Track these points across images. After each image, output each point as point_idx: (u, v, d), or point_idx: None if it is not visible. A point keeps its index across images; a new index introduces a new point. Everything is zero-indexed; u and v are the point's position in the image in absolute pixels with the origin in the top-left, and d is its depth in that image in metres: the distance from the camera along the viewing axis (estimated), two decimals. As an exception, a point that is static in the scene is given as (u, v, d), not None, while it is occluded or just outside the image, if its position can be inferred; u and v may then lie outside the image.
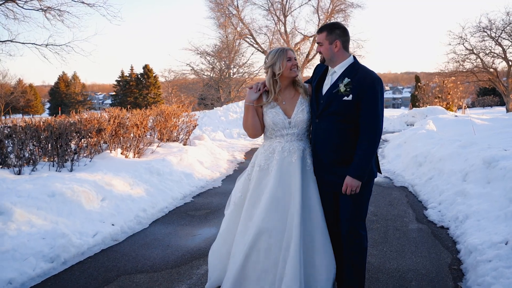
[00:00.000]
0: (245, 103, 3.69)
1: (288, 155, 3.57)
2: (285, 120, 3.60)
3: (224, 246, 3.79)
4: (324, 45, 3.50)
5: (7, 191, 5.26)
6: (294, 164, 3.55)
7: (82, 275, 4.47)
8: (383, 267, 4.62)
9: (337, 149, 3.44)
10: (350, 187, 3.37)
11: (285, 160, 3.56)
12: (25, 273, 4.28)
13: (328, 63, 3.56)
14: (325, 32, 3.49)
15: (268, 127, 3.69)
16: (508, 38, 32.89)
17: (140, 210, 6.30)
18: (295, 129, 3.62)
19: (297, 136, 3.63)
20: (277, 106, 3.63)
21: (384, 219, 6.29)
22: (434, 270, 4.52)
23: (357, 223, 3.51)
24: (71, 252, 4.82)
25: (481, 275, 4.05)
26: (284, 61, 3.55)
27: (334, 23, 3.59)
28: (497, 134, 12.28)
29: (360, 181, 3.37)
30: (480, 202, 5.92)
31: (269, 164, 3.61)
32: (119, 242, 5.45)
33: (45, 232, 4.84)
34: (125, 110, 9.52)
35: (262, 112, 3.69)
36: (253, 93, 3.65)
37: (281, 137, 3.64)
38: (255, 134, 3.73)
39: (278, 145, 3.63)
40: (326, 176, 3.51)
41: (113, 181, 6.57)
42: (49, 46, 22.38)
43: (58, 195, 5.53)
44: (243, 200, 3.71)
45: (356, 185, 3.37)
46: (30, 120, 7.12)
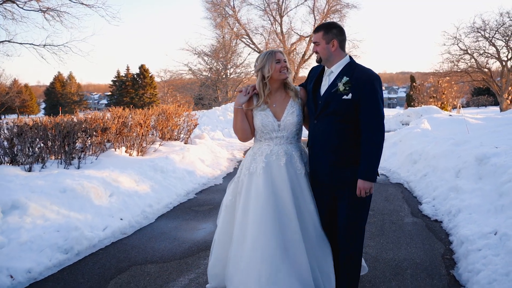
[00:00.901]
0: (235, 106, 3.65)
1: (277, 158, 3.55)
2: (274, 123, 3.57)
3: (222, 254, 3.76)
4: (321, 45, 3.46)
5: (21, 187, 5.50)
6: (282, 167, 3.52)
7: (96, 265, 4.72)
8: (380, 257, 4.89)
9: (336, 149, 3.40)
10: (363, 189, 3.34)
11: (273, 163, 3.54)
12: (42, 263, 4.52)
13: (325, 63, 3.53)
14: (322, 32, 3.46)
15: (257, 129, 3.67)
16: (501, 38, 33.27)
17: (146, 206, 6.55)
18: (285, 132, 3.59)
19: (286, 139, 3.61)
20: (267, 108, 3.60)
21: (380, 214, 6.57)
22: (428, 260, 4.79)
23: (360, 224, 3.53)
24: (83, 244, 5.07)
25: (471, 262, 4.33)
26: (273, 64, 3.52)
27: (330, 22, 3.56)
28: (490, 133, 12.56)
29: (372, 182, 3.34)
30: (472, 197, 6.20)
31: (256, 167, 3.58)
32: (127, 236, 5.70)
33: (59, 225, 5.08)
34: (127, 110, 9.76)
35: (252, 115, 3.66)
36: (242, 96, 3.61)
37: (270, 140, 3.62)
38: (245, 137, 3.70)
39: (267, 148, 3.62)
40: (326, 180, 3.48)
41: (119, 178, 6.81)
42: (47, 46, 22.51)
43: (69, 190, 5.78)
44: (234, 203, 3.72)
45: (369, 187, 3.34)
46: (38, 119, 7.35)
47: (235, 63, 40.60)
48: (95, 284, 4.27)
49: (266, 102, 3.61)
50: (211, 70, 39.97)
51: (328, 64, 3.50)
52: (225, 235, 3.72)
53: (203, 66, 40.22)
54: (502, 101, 32.68)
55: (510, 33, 32.81)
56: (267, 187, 3.48)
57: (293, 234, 3.41)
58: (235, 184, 3.76)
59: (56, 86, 77.20)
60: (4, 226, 4.77)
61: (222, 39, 40.19)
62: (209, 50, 39.78)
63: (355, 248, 3.54)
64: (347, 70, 3.42)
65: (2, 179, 5.60)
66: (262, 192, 3.47)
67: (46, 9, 19.13)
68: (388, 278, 4.33)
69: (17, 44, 22.92)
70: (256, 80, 3.62)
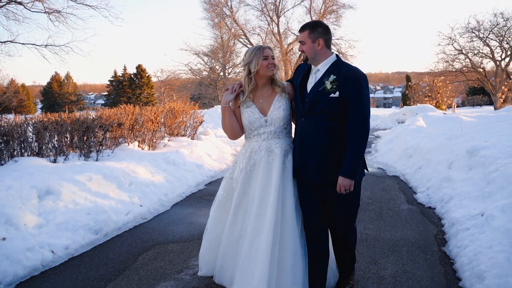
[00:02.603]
0: (222, 104, 3.69)
1: (265, 154, 3.58)
2: (261, 119, 3.60)
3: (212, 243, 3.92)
4: (307, 44, 3.46)
5: (51, 176, 6.01)
6: (271, 163, 3.56)
7: (123, 245, 5.24)
8: (379, 237, 5.43)
9: (325, 148, 3.41)
10: (343, 186, 3.36)
11: (262, 159, 3.58)
12: (77, 241, 5.05)
13: (311, 62, 3.54)
14: (307, 31, 3.47)
15: (245, 127, 3.69)
16: (495, 38, 33.98)
17: (162, 195, 7.07)
18: (272, 126, 3.61)
19: (274, 133, 3.62)
20: (253, 105, 3.62)
21: (378, 202, 7.12)
22: (422, 239, 5.34)
23: (351, 220, 3.67)
24: (110, 226, 5.60)
25: (460, 240, 4.88)
26: (260, 60, 3.53)
27: (316, 21, 3.58)
28: (483, 130, 13.11)
29: (352, 179, 3.35)
30: (463, 185, 6.75)
31: (246, 164, 3.63)
32: (147, 220, 6.22)
33: (89, 209, 5.62)
34: (137, 107, 10.29)
35: (239, 113, 3.69)
36: (229, 94, 3.64)
37: (258, 136, 3.64)
38: (234, 135, 3.74)
39: (255, 144, 3.64)
40: (316, 179, 3.48)
41: (136, 169, 7.34)
42: (49, 46, 22.90)
43: (94, 179, 6.31)
44: (226, 198, 3.83)
45: (348, 184, 3.36)
46: (58, 116, 7.87)
47: (234, 63, 41.20)
48: (125, 260, 4.79)
49: (253, 98, 3.65)
50: (211, 70, 40.54)
51: (314, 62, 3.52)
52: (216, 225, 3.89)
53: (203, 66, 40.83)
54: (496, 100, 33.33)
55: (504, 33, 33.51)
56: (256, 184, 3.55)
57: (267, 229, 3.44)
58: (227, 181, 3.83)
59: (54, 86, 77.36)
60: (41, 209, 5.30)
61: (220, 40, 40.76)
62: (208, 50, 40.39)
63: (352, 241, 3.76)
64: (333, 68, 3.42)
65: (34, 169, 6.11)
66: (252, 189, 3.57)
67: (52, 11, 19.57)
68: (387, 254, 4.87)
69: (19, 44, 23.35)
70: (243, 75, 3.67)
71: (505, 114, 16.50)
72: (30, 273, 4.34)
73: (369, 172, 3.90)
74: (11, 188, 5.22)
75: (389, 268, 4.47)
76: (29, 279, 4.27)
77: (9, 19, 22.18)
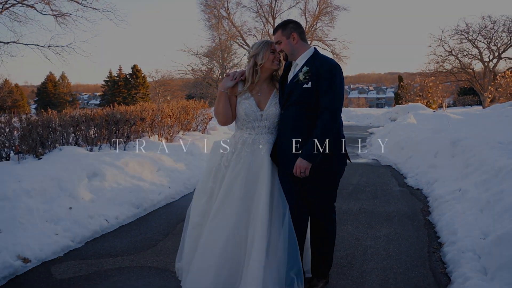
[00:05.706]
0: (219, 89, 3.69)
1: (258, 148, 3.60)
2: (257, 112, 3.61)
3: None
4: (283, 42, 3.55)
5: (94, 161, 7.00)
6: (263, 157, 3.58)
7: (161, 217, 6.27)
8: (375, 210, 6.49)
9: (303, 139, 3.43)
10: (299, 168, 3.37)
11: (254, 152, 3.60)
12: (123, 214, 6.06)
13: (291, 58, 3.61)
14: (280, 30, 3.57)
15: (239, 117, 3.69)
16: (483, 40, 35.44)
17: (186, 179, 8.08)
18: (267, 121, 3.63)
19: (268, 129, 3.65)
20: (251, 97, 3.64)
21: (373, 185, 8.19)
22: (410, 211, 6.41)
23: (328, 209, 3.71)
24: (148, 203, 6.61)
25: (441, 209, 5.97)
26: (268, 53, 3.58)
27: (285, 20, 3.68)
28: (467, 126, 14.23)
29: (309, 162, 3.36)
30: (446, 170, 7.84)
31: (236, 156, 3.62)
32: (176, 200, 7.24)
33: (130, 188, 6.65)
34: (154, 104, 11.31)
35: (235, 101, 3.70)
36: (229, 80, 3.66)
37: (252, 129, 3.66)
38: (225, 121, 3.72)
39: (248, 137, 3.65)
40: (292, 167, 3.45)
41: (162, 157, 8.35)
42: (51, 47, 23.82)
43: (130, 165, 7.33)
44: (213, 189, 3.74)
45: (304, 167, 3.36)
46: (88, 111, 8.87)
47: (234, 63, 42.31)
48: (166, 227, 5.80)
49: (252, 90, 3.67)
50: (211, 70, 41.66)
51: (293, 57, 3.59)
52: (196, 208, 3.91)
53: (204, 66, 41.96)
54: (484, 99, 34.61)
55: (491, 35, 34.90)
56: (248, 176, 3.55)
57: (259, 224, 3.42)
58: (215, 171, 3.74)
59: (48, 86, 77.76)
60: (91, 187, 6.32)
61: (218, 40, 41.82)
62: (207, 50, 41.48)
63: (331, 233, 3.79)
64: (310, 61, 3.49)
65: (78, 156, 7.10)
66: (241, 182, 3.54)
67: (61, 14, 20.50)
68: (381, 221, 5.94)
69: (22, 45, 24.24)
70: (247, 66, 3.70)
71: (490, 112, 17.57)
72: (92, 235, 5.37)
73: (351, 162, 4.06)
74: (68, 170, 6.24)
75: (383, 231, 5.54)
76: (93, 240, 5.30)
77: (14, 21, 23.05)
